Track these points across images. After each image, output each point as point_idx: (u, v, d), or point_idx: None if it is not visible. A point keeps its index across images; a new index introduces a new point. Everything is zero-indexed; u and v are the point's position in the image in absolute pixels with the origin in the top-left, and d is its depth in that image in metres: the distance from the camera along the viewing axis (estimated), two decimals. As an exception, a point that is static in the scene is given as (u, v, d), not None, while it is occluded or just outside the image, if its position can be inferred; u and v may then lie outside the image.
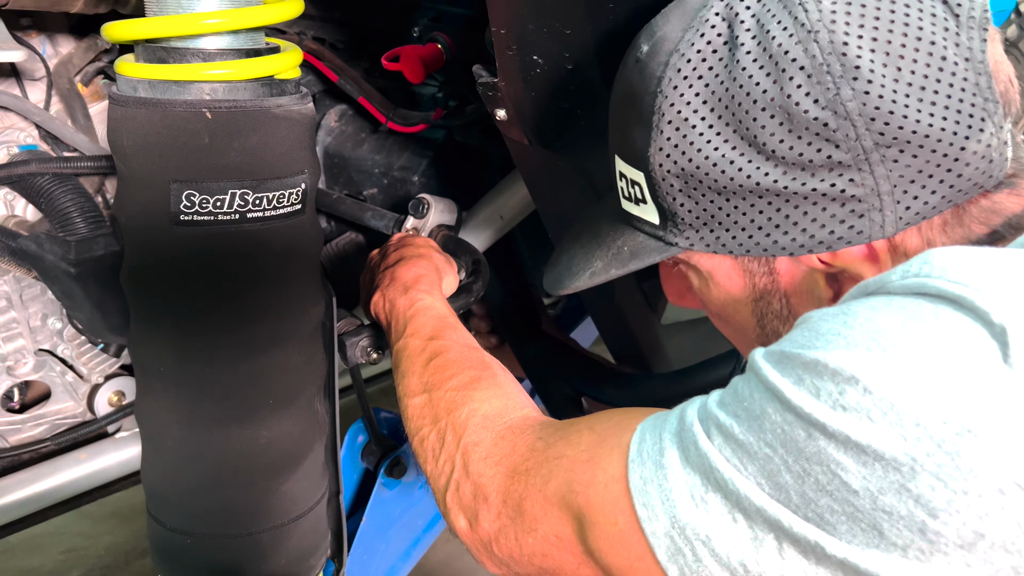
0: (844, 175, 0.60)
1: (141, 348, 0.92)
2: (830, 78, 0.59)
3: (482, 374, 0.85)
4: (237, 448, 0.93)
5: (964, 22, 0.61)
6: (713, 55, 0.63)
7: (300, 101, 0.88)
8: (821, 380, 0.50)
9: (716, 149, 0.63)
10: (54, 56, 1.23)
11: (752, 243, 0.65)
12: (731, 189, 0.64)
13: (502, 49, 0.85)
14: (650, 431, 0.60)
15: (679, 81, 0.64)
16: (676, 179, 0.66)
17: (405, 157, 1.52)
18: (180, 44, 0.82)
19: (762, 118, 0.61)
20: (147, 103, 0.82)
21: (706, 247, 0.68)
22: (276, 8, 0.85)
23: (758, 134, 0.61)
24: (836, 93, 0.58)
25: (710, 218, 0.66)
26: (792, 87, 0.60)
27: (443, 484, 0.78)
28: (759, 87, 0.61)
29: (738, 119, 0.62)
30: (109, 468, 1.43)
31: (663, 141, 0.66)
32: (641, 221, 0.73)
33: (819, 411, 0.49)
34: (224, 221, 0.84)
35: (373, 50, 1.50)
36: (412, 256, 1.08)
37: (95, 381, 1.41)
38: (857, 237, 0.62)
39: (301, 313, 0.95)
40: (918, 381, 0.47)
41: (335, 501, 1.12)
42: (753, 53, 0.61)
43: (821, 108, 0.59)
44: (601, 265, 0.77)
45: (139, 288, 0.90)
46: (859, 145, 0.59)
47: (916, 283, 0.52)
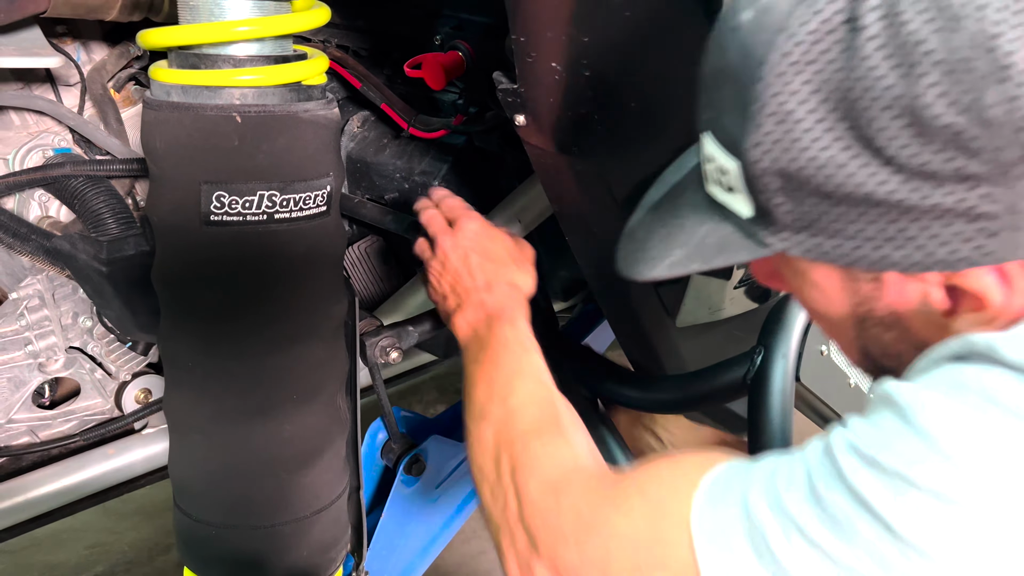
0: (976, 189, 0.51)
1: (171, 343, 0.96)
2: (972, 77, 0.49)
3: (548, 417, 0.82)
4: (261, 441, 0.96)
5: None
6: (829, 36, 0.53)
7: (326, 106, 0.92)
8: (919, 496, 0.47)
9: (825, 150, 0.54)
10: (88, 62, 1.27)
11: (858, 255, 0.57)
12: (840, 195, 0.55)
13: (521, 56, 0.87)
14: (710, 510, 0.56)
15: (786, 67, 0.55)
16: (776, 177, 0.58)
17: (426, 162, 1.55)
18: (212, 51, 0.86)
19: (883, 119, 0.52)
20: (179, 107, 0.85)
21: (804, 252, 0.60)
22: (304, 16, 0.88)
23: (877, 137, 0.52)
24: (979, 96, 0.49)
25: (813, 222, 0.58)
26: (923, 85, 0.50)
27: (498, 522, 0.76)
28: (882, 81, 0.51)
29: (855, 116, 0.53)
30: (136, 464, 1.47)
31: (762, 136, 0.57)
32: (730, 212, 0.64)
33: (916, 531, 0.46)
34: (252, 221, 0.88)
35: (396, 57, 1.53)
36: (497, 280, 1.03)
37: (123, 379, 1.45)
38: (984, 259, 0.53)
39: (324, 311, 0.98)
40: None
41: (355, 496, 1.15)
42: (879, 39, 0.51)
43: (957, 113, 0.50)
44: (682, 255, 0.67)
45: (170, 286, 0.94)
46: (1000, 156, 0.50)
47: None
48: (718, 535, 0.54)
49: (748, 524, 0.53)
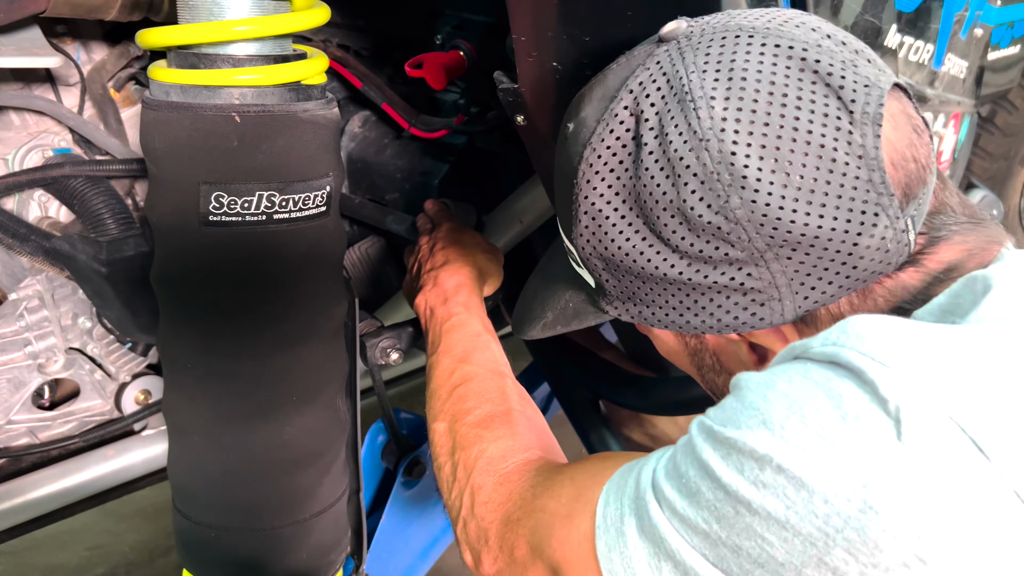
0: (743, 269, 0.63)
1: (170, 344, 0.95)
2: (720, 186, 0.60)
3: (497, 410, 0.90)
4: (261, 443, 0.96)
5: (858, 118, 0.60)
6: (622, 150, 0.66)
7: (326, 106, 0.91)
8: (743, 457, 0.53)
9: (628, 240, 0.67)
10: (88, 62, 1.27)
11: (669, 320, 0.69)
12: (645, 275, 0.67)
13: (522, 55, 0.87)
14: (614, 494, 0.63)
15: (591, 175, 0.68)
16: (599, 260, 0.70)
17: (427, 162, 1.54)
18: (211, 50, 0.85)
19: (664, 217, 0.64)
20: (178, 107, 0.84)
21: (632, 318, 0.72)
22: (304, 16, 0.87)
23: (662, 230, 0.64)
24: (726, 200, 0.60)
25: (632, 295, 0.70)
26: (687, 192, 0.62)
27: (455, 517, 0.84)
28: (659, 188, 0.63)
29: (645, 214, 0.65)
30: (135, 465, 1.46)
31: (582, 228, 0.70)
32: (584, 283, 0.77)
33: (743, 488, 0.53)
34: (251, 222, 0.87)
35: (397, 57, 1.53)
36: (457, 258, 1.12)
37: (122, 380, 1.44)
38: (760, 323, 0.65)
39: (324, 312, 0.97)
40: (823, 459, 0.50)
41: (355, 499, 1.14)
42: (655, 154, 0.64)
43: (714, 213, 0.61)
44: (551, 318, 0.83)
45: (168, 286, 0.93)
46: (752, 246, 0.61)
47: (832, 352, 0.54)
48: (612, 512, 0.62)
49: (636, 502, 0.60)
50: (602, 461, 0.72)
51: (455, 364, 0.97)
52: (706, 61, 0.64)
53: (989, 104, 2.54)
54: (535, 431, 0.88)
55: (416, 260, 1.19)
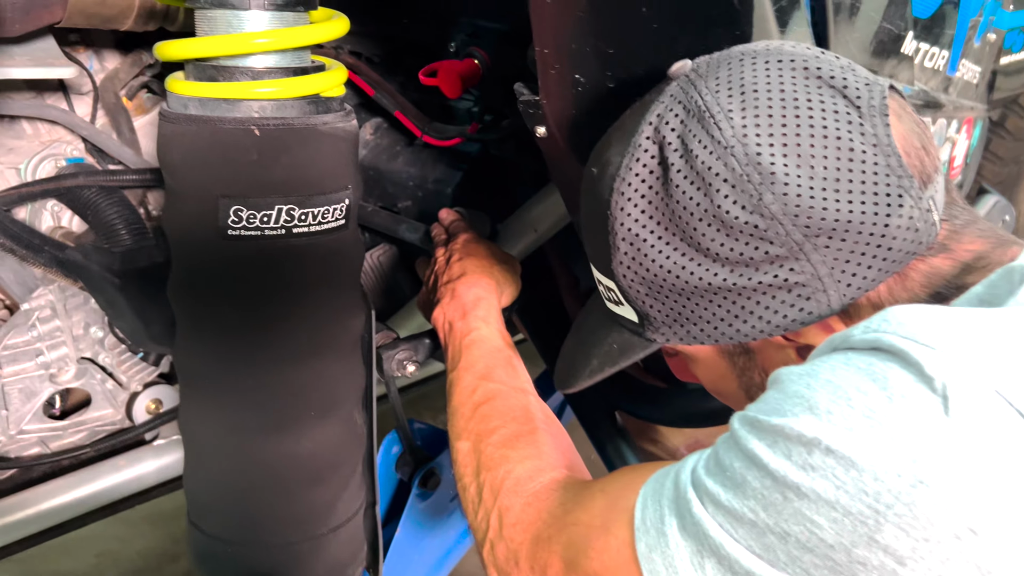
0: (784, 266, 0.65)
1: (186, 358, 0.94)
2: (751, 186, 0.64)
3: (522, 429, 0.89)
4: (278, 457, 0.95)
5: (866, 112, 0.66)
6: (650, 175, 0.69)
7: (345, 118, 0.90)
8: (790, 443, 0.54)
9: (668, 257, 0.69)
10: (101, 71, 1.26)
11: (719, 334, 0.70)
12: (688, 291, 0.69)
13: (545, 68, 0.86)
14: (651, 497, 0.63)
15: (624, 203, 0.71)
16: (641, 286, 0.72)
17: (439, 170, 1.53)
18: (230, 63, 0.84)
19: (701, 227, 0.66)
20: (197, 120, 0.84)
21: (680, 341, 0.74)
22: (323, 28, 0.86)
23: (701, 241, 0.67)
24: (759, 199, 0.64)
25: (678, 315, 0.72)
26: (720, 198, 0.65)
27: (480, 538, 0.83)
28: (692, 200, 0.66)
29: (681, 229, 0.68)
30: (147, 475, 1.46)
31: (621, 255, 0.72)
32: (624, 319, 0.79)
33: (792, 473, 0.53)
34: (270, 236, 0.86)
35: (409, 64, 1.52)
36: (474, 270, 1.11)
37: (134, 389, 1.44)
38: (809, 317, 0.66)
39: (342, 325, 0.96)
40: (871, 439, 0.51)
41: (371, 512, 1.13)
42: (683, 171, 0.67)
43: (749, 213, 0.64)
44: (597, 363, 0.83)
45: (186, 300, 0.92)
46: (790, 239, 0.64)
47: (874, 338, 0.56)
48: (651, 515, 0.62)
49: (676, 501, 0.60)
50: (632, 472, 0.72)
51: (477, 381, 0.96)
52: (717, 83, 0.69)
53: (1000, 108, 2.53)
54: (560, 449, 0.87)
55: (432, 272, 1.18)
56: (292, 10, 0.85)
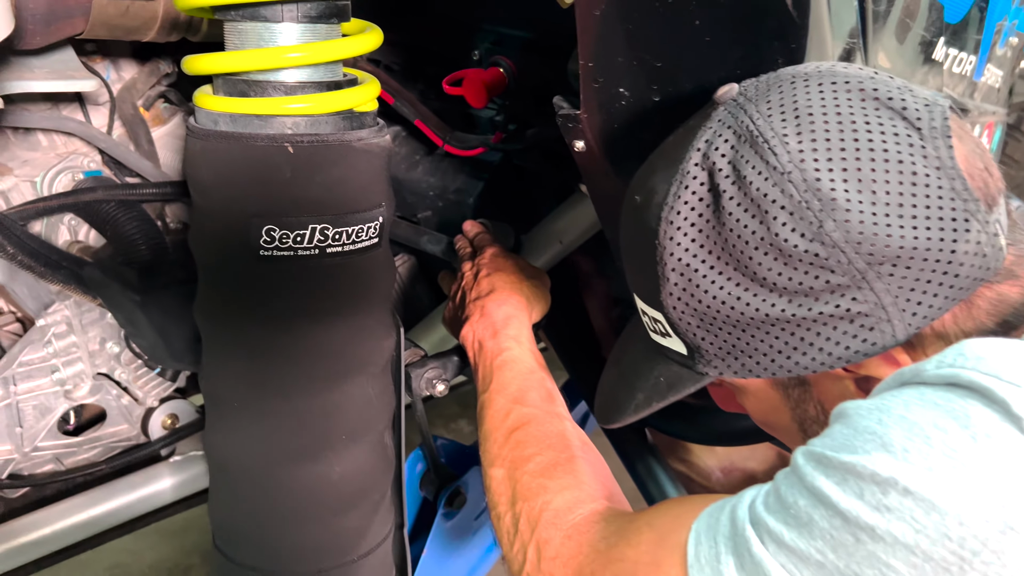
0: (846, 295, 0.62)
1: (214, 381, 0.91)
2: (811, 213, 0.61)
3: (560, 457, 0.86)
4: (310, 483, 0.92)
5: (927, 133, 0.63)
6: (700, 203, 0.66)
7: (378, 134, 0.87)
8: (862, 482, 0.51)
9: (722, 288, 0.66)
10: (118, 80, 1.23)
11: (776, 367, 0.67)
12: (744, 322, 0.66)
13: (588, 81, 0.83)
14: (705, 533, 0.61)
15: (674, 232, 0.68)
16: (692, 318, 0.69)
17: (460, 180, 1.50)
18: (262, 77, 0.81)
19: (757, 256, 0.63)
20: (228, 137, 0.81)
21: (734, 374, 0.70)
22: (359, 41, 0.84)
23: (757, 270, 0.64)
24: (820, 226, 0.61)
25: (732, 347, 0.69)
26: (778, 225, 0.62)
27: (516, 570, 0.80)
28: (747, 228, 0.64)
29: (735, 259, 0.65)
30: (163, 491, 1.43)
31: (671, 286, 0.69)
32: (671, 352, 0.75)
33: (865, 514, 0.50)
34: (303, 256, 0.83)
35: (430, 72, 1.49)
36: (504, 287, 1.08)
37: (150, 404, 1.41)
38: (872, 349, 0.63)
39: (375, 346, 0.93)
40: (955, 480, 0.48)
41: (399, 534, 1.10)
42: (736, 198, 0.64)
43: (809, 241, 0.61)
44: (643, 397, 0.79)
45: (214, 321, 0.89)
46: (853, 268, 0.61)
47: (950, 373, 0.53)
48: (708, 552, 0.59)
49: (733, 539, 0.58)
50: (679, 505, 0.69)
51: (510, 405, 0.93)
52: (769, 106, 0.66)
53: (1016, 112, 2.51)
54: (599, 478, 0.84)
55: (459, 288, 1.15)
56: (326, 22, 0.82)
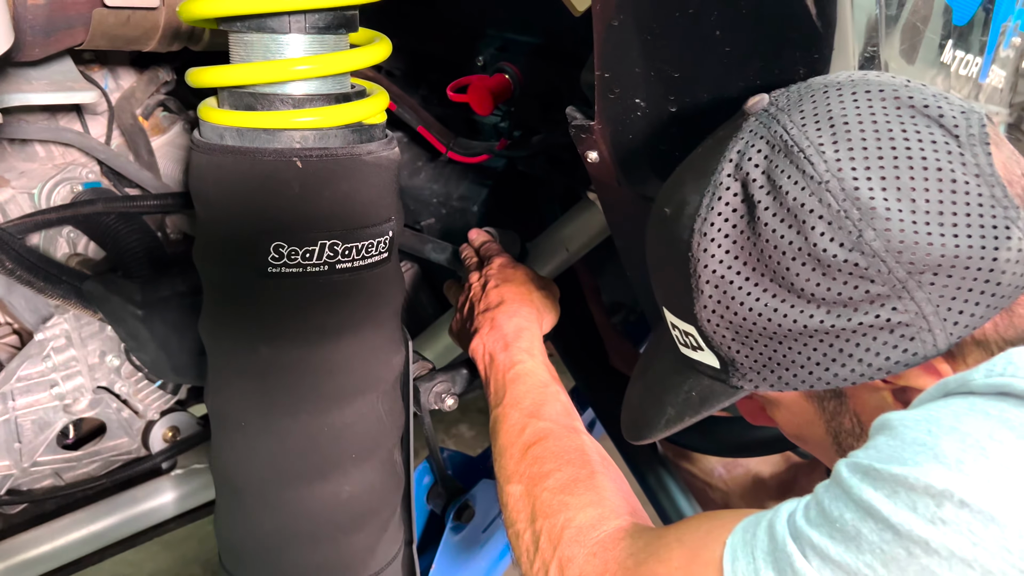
0: (887, 305, 0.61)
1: (221, 399, 0.89)
2: (850, 223, 0.61)
3: (580, 473, 0.84)
4: (319, 503, 0.90)
5: (965, 141, 0.62)
6: (734, 214, 0.66)
7: (387, 146, 0.85)
8: (914, 494, 0.50)
9: (758, 300, 0.65)
10: (116, 89, 1.20)
11: (814, 379, 0.66)
12: (781, 335, 0.65)
13: (604, 92, 0.81)
14: (741, 548, 0.59)
15: (708, 244, 0.67)
16: (727, 331, 0.68)
17: (464, 186, 1.48)
18: (268, 90, 0.79)
19: (795, 267, 0.62)
20: (235, 151, 0.79)
21: (770, 388, 0.69)
22: (368, 52, 0.82)
23: (795, 281, 0.63)
24: (859, 235, 0.60)
25: (768, 360, 0.67)
26: (816, 235, 0.61)
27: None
28: (784, 239, 0.63)
29: (772, 270, 0.64)
30: (165, 506, 1.41)
31: (706, 299, 0.68)
32: (703, 366, 0.74)
33: (918, 527, 0.49)
34: (313, 273, 0.81)
35: (433, 78, 1.47)
36: (513, 298, 1.06)
37: (150, 417, 1.39)
38: (913, 359, 0.62)
39: (386, 363, 0.92)
40: (1014, 492, 0.47)
41: (408, 550, 1.08)
42: (771, 208, 0.63)
43: (848, 251, 0.61)
44: (674, 412, 0.78)
45: (220, 339, 0.87)
46: (893, 277, 0.60)
47: (1001, 383, 0.52)
48: (746, 567, 0.57)
49: (773, 554, 0.56)
50: (710, 520, 0.67)
51: (525, 419, 0.91)
52: (802, 116, 0.65)
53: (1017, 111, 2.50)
54: (622, 494, 0.82)
55: (467, 299, 1.13)
56: (334, 33, 0.80)
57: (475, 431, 2.58)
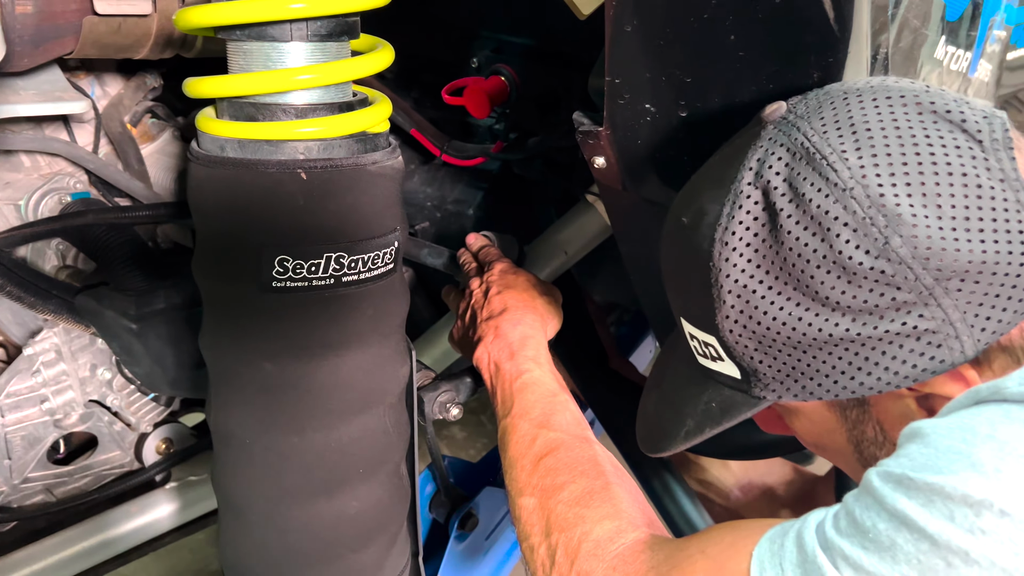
0: (913, 312, 0.60)
1: (224, 416, 0.87)
2: (876, 230, 0.60)
3: (594, 485, 0.82)
4: (326, 521, 0.88)
5: (988, 146, 0.62)
6: (755, 222, 0.65)
7: (391, 155, 0.83)
8: (952, 504, 0.49)
9: (782, 309, 0.64)
10: (103, 96, 1.18)
11: (839, 388, 0.65)
12: (806, 344, 0.64)
13: (613, 97, 0.80)
14: (769, 560, 0.58)
15: (729, 253, 0.66)
16: (750, 341, 0.67)
17: (459, 190, 1.46)
18: (270, 100, 0.77)
19: (819, 275, 0.62)
20: (237, 163, 0.76)
21: (794, 397, 0.68)
22: (371, 60, 0.80)
23: (819, 289, 0.62)
24: (886, 242, 0.60)
25: (792, 370, 0.66)
26: (841, 243, 0.61)
27: None
28: (808, 247, 0.62)
29: (796, 278, 0.63)
30: (161, 520, 1.38)
31: (728, 309, 0.67)
32: (723, 376, 0.73)
33: (957, 537, 0.48)
34: (319, 287, 0.79)
35: (426, 80, 1.45)
36: (517, 305, 1.04)
37: (143, 430, 1.36)
38: (940, 366, 0.61)
39: (392, 376, 0.90)
40: None
41: (414, 562, 1.07)
42: (794, 216, 0.63)
43: (875, 258, 0.60)
44: (694, 424, 0.76)
45: (223, 354, 0.85)
46: (920, 284, 0.60)
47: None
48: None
49: (803, 566, 0.55)
50: (733, 531, 0.66)
51: (536, 430, 0.89)
52: (823, 123, 0.65)
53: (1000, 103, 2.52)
54: (637, 504, 0.81)
55: (468, 306, 1.11)
56: (336, 40, 0.78)
57: (467, 432, 2.56)
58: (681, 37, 0.73)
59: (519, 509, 0.85)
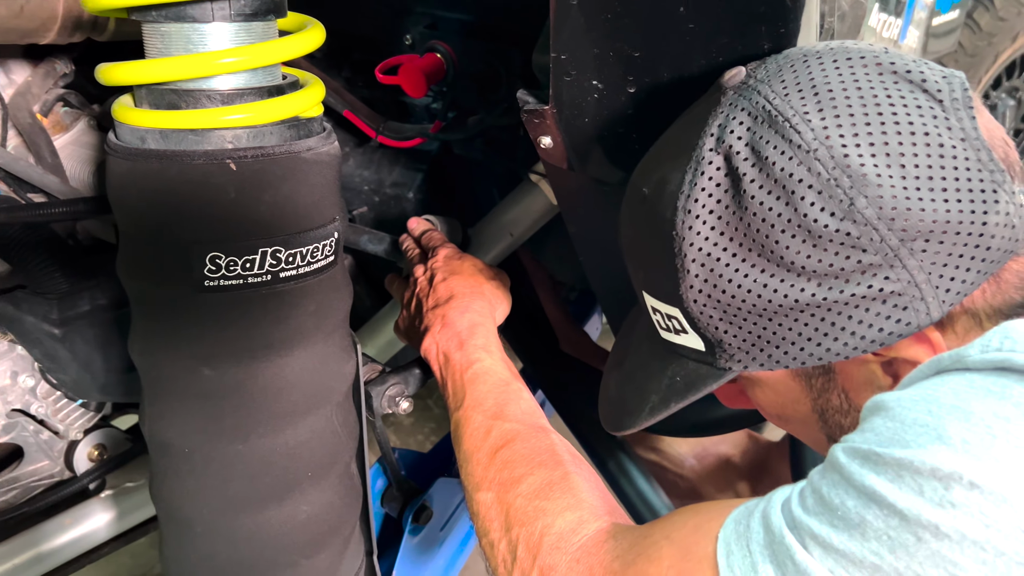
0: (879, 275, 0.60)
1: (160, 425, 0.82)
2: (841, 191, 0.59)
3: (553, 476, 0.80)
4: (276, 528, 0.84)
5: (949, 106, 0.62)
6: (718, 189, 0.64)
7: (327, 141, 0.79)
8: (920, 478, 0.48)
9: (747, 276, 0.63)
10: (8, 85, 1.09)
11: (806, 355, 0.64)
12: (771, 311, 0.64)
13: (559, 75, 0.76)
14: (735, 542, 0.57)
15: (693, 221, 0.65)
16: (715, 310, 0.66)
17: (397, 172, 1.42)
18: (192, 86, 0.71)
19: (784, 239, 0.61)
20: (160, 156, 0.71)
21: (760, 367, 0.67)
22: (301, 40, 0.74)
23: (784, 254, 0.61)
24: (851, 203, 0.59)
25: (758, 339, 0.66)
26: (806, 206, 0.60)
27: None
28: (772, 211, 0.61)
29: (760, 244, 0.62)
30: (97, 531, 1.32)
31: (692, 279, 0.66)
32: (686, 349, 0.72)
33: (927, 511, 0.47)
34: (255, 284, 0.74)
35: (357, 58, 1.39)
36: (464, 292, 1.01)
37: (73, 437, 1.28)
38: (906, 329, 0.61)
39: (338, 373, 0.85)
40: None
41: (368, 561, 1.03)
42: (758, 181, 0.62)
43: (840, 220, 0.60)
44: (658, 399, 0.75)
45: (155, 361, 0.80)
46: (886, 245, 0.59)
47: (1000, 358, 0.51)
48: (742, 561, 0.55)
49: (771, 547, 0.54)
50: (696, 514, 0.65)
51: (490, 422, 0.86)
52: (784, 86, 0.64)
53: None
54: (597, 493, 0.79)
55: (414, 295, 1.07)
56: (262, 19, 0.73)
57: (413, 418, 2.52)
58: (630, 10, 0.70)
59: (476, 504, 0.82)
